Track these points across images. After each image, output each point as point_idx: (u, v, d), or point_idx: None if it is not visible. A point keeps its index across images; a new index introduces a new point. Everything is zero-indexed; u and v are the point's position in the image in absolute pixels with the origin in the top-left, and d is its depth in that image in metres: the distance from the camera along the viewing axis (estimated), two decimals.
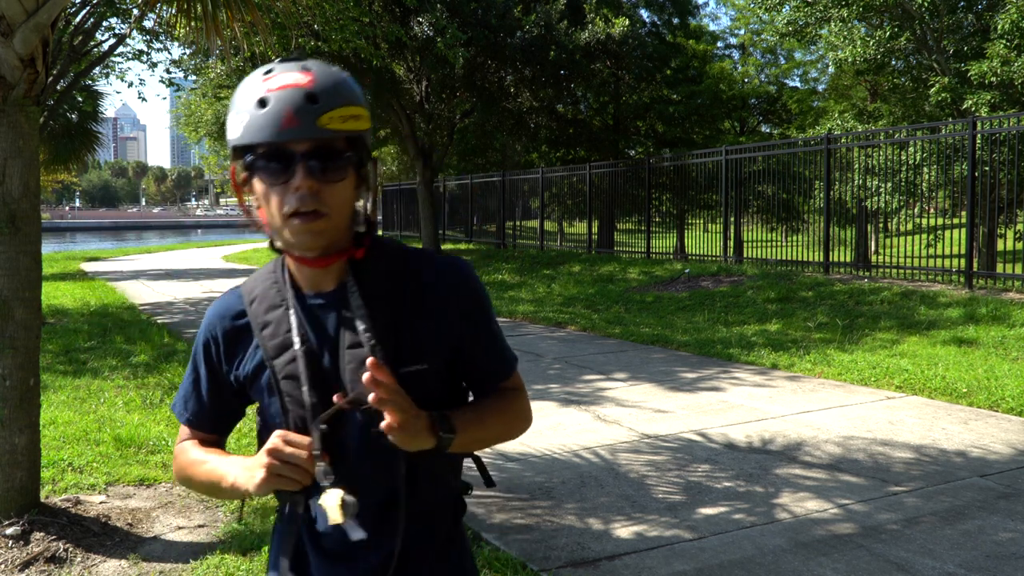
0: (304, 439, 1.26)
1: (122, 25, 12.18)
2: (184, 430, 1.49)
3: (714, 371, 7.25)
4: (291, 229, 1.24)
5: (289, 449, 1.24)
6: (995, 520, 3.78)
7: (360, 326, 1.29)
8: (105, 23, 11.50)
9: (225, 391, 1.43)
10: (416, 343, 1.32)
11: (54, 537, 3.53)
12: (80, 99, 14.65)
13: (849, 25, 16.77)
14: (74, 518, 3.75)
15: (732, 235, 14.53)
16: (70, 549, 3.48)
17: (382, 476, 1.31)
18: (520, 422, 1.45)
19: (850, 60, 16.55)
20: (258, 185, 1.26)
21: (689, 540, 3.61)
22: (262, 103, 1.21)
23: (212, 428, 1.47)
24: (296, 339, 1.32)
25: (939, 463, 4.62)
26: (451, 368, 1.39)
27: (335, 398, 1.26)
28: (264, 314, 1.36)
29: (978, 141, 10.29)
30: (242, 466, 1.32)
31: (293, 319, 1.33)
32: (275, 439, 1.25)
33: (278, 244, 1.32)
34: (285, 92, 1.21)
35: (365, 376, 1.19)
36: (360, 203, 1.33)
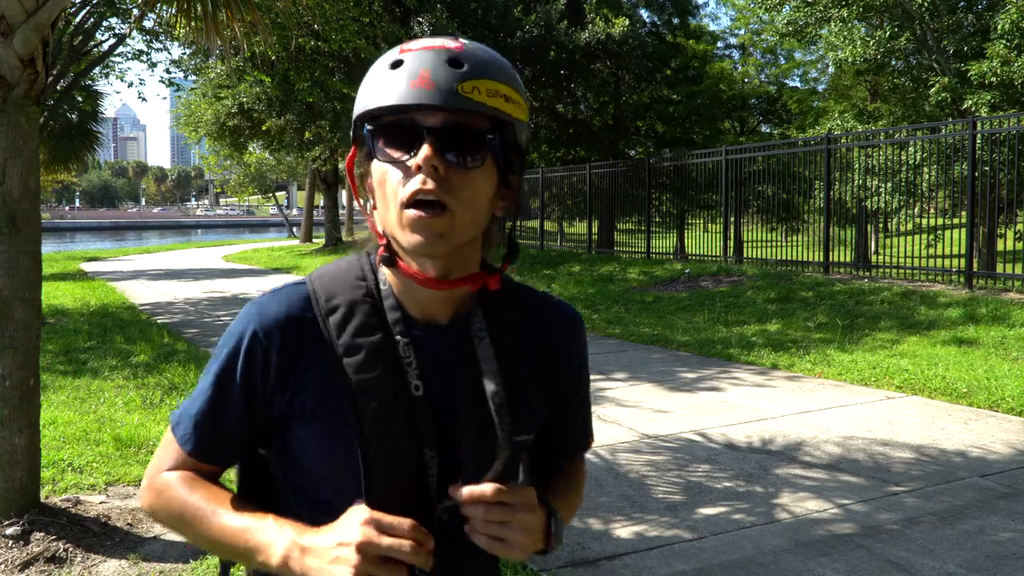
0: (406, 524, 0.94)
1: (122, 25, 12.17)
2: (176, 455, 1.12)
3: (714, 371, 7.25)
4: (406, 221, 0.98)
5: (388, 542, 0.92)
6: (995, 520, 3.78)
7: (489, 386, 1.04)
8: (105, 23, 11.50)
9: (256, 423, 1.08)
10: (529, 408, 1.10)
11: (54, 537, 3.53)
12: (80, 99, 14.65)
13: (849, 25, 16.77)
14: (74, 518, 3.75)
15: (732, 235, 14.53)
16: (70, 549, 3.48)
17: (465, 569, 1.09)
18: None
19: (850, 60, 16.54)
20: (376, 169, 1.01)
21: (689, 540, 3.61)
22: (396, 64, 0.99)
23: (219, 460, 1.13)
24: (416, 381, 1.03)
25: (939, 463, 4.62)
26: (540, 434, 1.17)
27: (456, 492, 0.99)
28: (353, 336, 1.05)
29: (978, 141, 10.29)
30: (299, 547, 0.96)
31: (412, 354, 1.04)
32: (364, 528, 0.92)
33: (383, 252, 1.04)
34: (424, 52, 0.99)
35: (488, 490, 0.96)
36: (498, 212, 1.06)
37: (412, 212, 0.97)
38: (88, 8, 8.69)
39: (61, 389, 6.47)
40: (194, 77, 18.63)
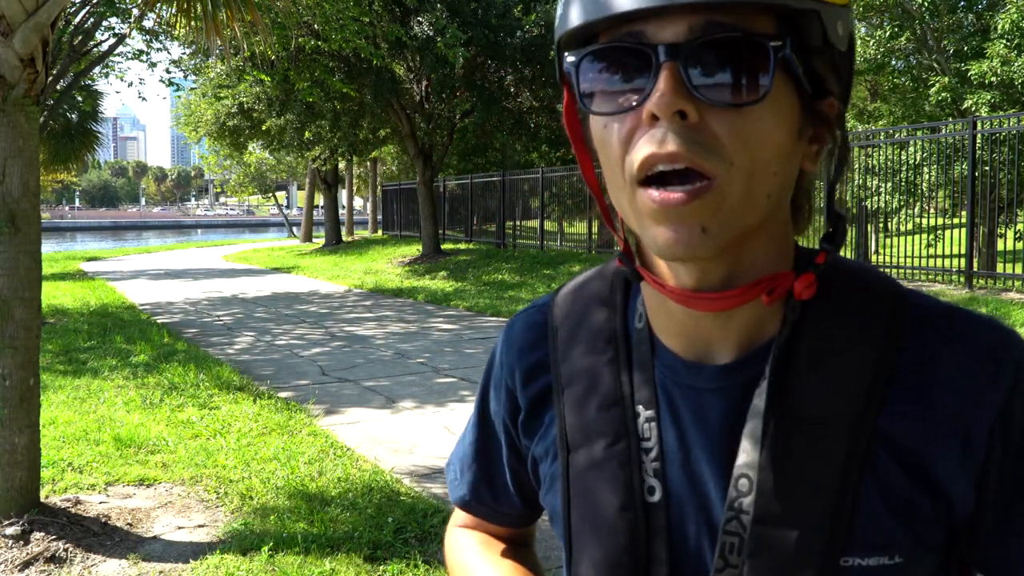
0: None
1: (122, 25, 12.18)
2: (460, 511, 0.94)
3: None
4: (643, 208, 0.61)
5: None
6: None
7: (743, 456, 0.67)
8: (105, 23, 11.51)
9: (524, 468, 0.84)
10: (885, 502, 0.64)
11: (54, 537, 3.53)
12: (80, 99, 14.66)
13: None
14: (74, 518, 3.75)
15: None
16: (70, 549, 3.48)
17: None
18: None
19: None
20: (593, 124, 0.65)
21: None
22: None
23: (501, 518, 0.91)
24: (652, 480, 0.69)
25: None
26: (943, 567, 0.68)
27: None
28: (580, 357, 0.76)
29: (978, 141, 10.29)
30: None
31: (654, 434, 0.70)
32: None
33: (619, 258, 0.72)
34: None
35: None
36: (808, 165, 0.66)
37: (649, 194, 0.59)
38: (88, 8, 8.69)
39: (61, 389, 6.47)
40: (194, 77, 18.64)
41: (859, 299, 0.68)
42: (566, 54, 0.65)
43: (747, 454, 0.65)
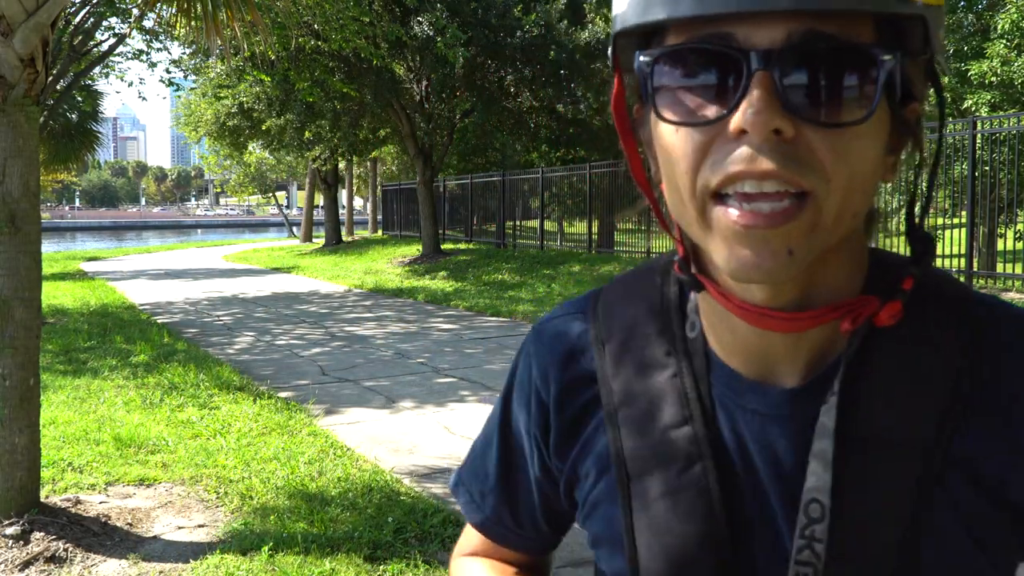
0: None
1: (122, 25, 12.18)
2: (471, 534, 0.87)
3: None
4: (718, 224, 0.55)
5: None
6: None
7: (811, 479, 0.61)
8: (105, 23, 11.51)
9: (554, 489, 0.78)
10: (962, 528, 0.61)
11: (54, 537, 3.53)
12: (80, 99, 14.67)
13: None
14: (74, 518, 3.75)
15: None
16: (70, 549, 3.48)
17: None
18: None
19: None
20: (659, 129, 0.59)
21: None
22: None
23: (523, 543, 0.84)
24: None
25: None
26: None
27: None
28: (634, 376, 0.69)
29: (978, 141, 10.29)
30: None
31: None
32: None
33: (679, 267, 0.65)
34: None
35: None
36: (887, 177, 0.62)
37: (728, 213, 0.54)
38: (88, 8, 8.69)
39: (61, 389, 6.48)
40: (194, 77, 18.65)
41: (934, 312, 0.63)
42: (639, 53, 0.58)
43: (817, 477, 0.60)
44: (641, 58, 0.58)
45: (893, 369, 0.61)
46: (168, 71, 16.03)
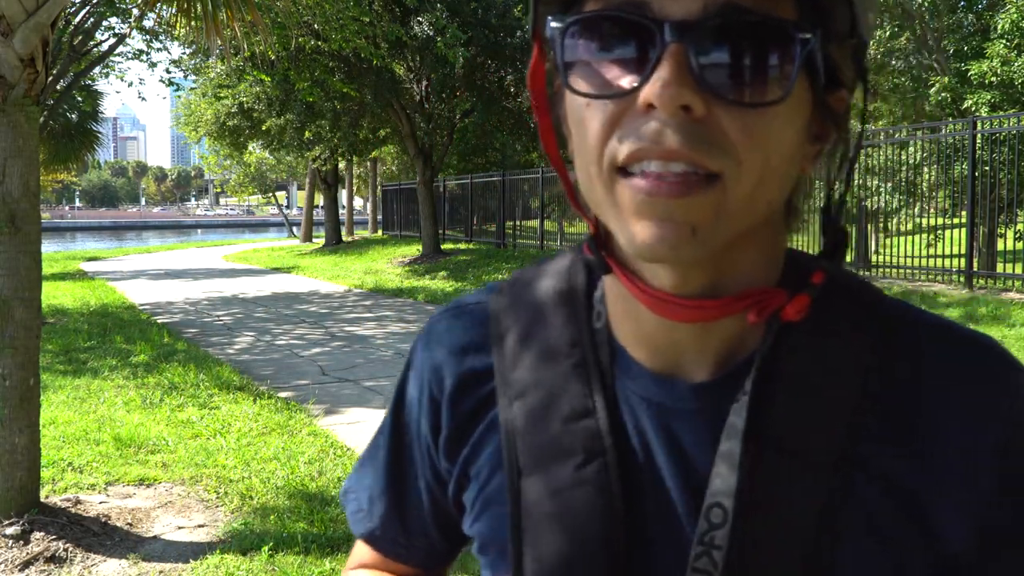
0: None
1: (122, 25, 12.18)
2: (361, 548, 0.80)
3: None
4: (624, 198, 0.52)
5: None
6: None
7: (716, 482, 0.58)
8: (105, 23, 11.52)
9: (444, 494, 0.72)
10: (869, 534, 0.57)
11: (54, 537, 3.53)
12: (80, 99, 14.67)
13: None
14: (74, 518, 3.75)
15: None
16: (70, 549, 3.48)
17: None
18: None
19: None
20: (571, 101, 0.56)
21: None
22: None
23: (417, 557, 0.78)
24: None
25: None
26: None
27: None
28: (534, 365, 0.64)
29: (978, 141, 10.30)
30: None
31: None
32: None
33: (588, 247, 0.62)
34: None
35: None
36: (807, 166, 0.59)
37: (634, 182, 0.51)
38: (88, 8, 8.69)
39: (61, 389, 6.48)
40: (194, 77, 18.65)
41: (844, 310, 0.61)
42: (550, 19, 0.54)
43: (722, 479, 0.57)
44: (552, 24, 0.54)
45: (804, 368, 0.59)
46: (168, 71, 16.04)
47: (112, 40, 11.39)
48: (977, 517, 0.57)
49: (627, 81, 0.51)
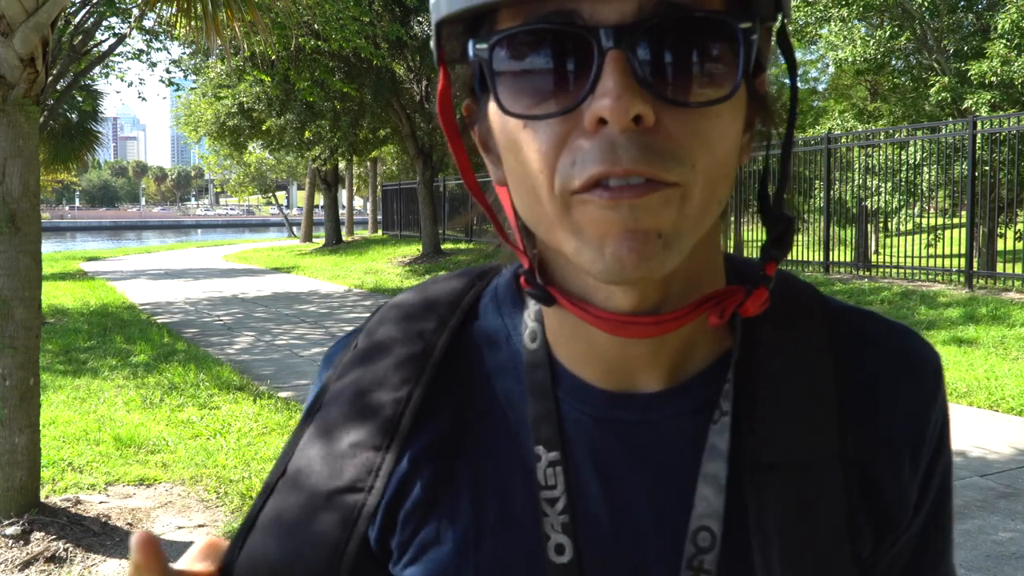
0: None
1: (122, 25, 12.19)
2: None
3: None
4: (583, 219, 0.49)
5: None
6: (995, 520, 3.78)
7: (702, 505, 0.56)
8: (105, 23, 11.51)
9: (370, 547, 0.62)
10: (844, 542, 0.56)
11: (54, 537, 3.53)
12: (80, 99, 14.68)
13: (849, 25, 16.78)
14: (74, 518, 3.75)
15: (731, 235, 14.53)
16: (70, 549, 3.48)
17: None
18: None
19: (850, 60, 16.55)
20: (501, 124, 0.52)
21: None
22: None
23: None
24: (561, 537, 0.56)
25: None
26: None
27: None
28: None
29: (978, 141, 10.30)
30: None
31: (558, 478, 0.57)
32: None
33: (528, 283, 0.57)
34: None
35: None
36: (744, 158, 0.57)
37: (596, 200, 0.48)
38: (88, 8, 8.70)
39: (61, 389, 6.48)
40: (194, 77, 18.65)
41: (798, 309, 0.60)
42: (472, 41, 0.51)
43: (707, 503, 0.54)
44: (477, 46, 0.50)
45: (776, 366, 0.56)
46: (168, 71, 16.03)
47: (112, 40, 11.40)
48: (912, 493, 0.60)
49: (566, 99, 0.48)
